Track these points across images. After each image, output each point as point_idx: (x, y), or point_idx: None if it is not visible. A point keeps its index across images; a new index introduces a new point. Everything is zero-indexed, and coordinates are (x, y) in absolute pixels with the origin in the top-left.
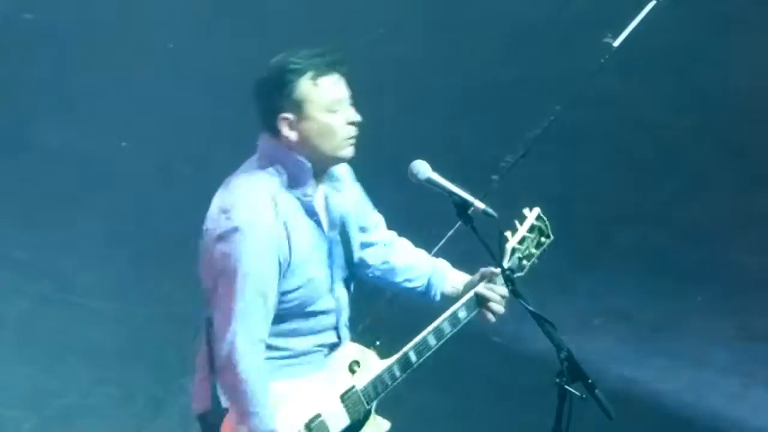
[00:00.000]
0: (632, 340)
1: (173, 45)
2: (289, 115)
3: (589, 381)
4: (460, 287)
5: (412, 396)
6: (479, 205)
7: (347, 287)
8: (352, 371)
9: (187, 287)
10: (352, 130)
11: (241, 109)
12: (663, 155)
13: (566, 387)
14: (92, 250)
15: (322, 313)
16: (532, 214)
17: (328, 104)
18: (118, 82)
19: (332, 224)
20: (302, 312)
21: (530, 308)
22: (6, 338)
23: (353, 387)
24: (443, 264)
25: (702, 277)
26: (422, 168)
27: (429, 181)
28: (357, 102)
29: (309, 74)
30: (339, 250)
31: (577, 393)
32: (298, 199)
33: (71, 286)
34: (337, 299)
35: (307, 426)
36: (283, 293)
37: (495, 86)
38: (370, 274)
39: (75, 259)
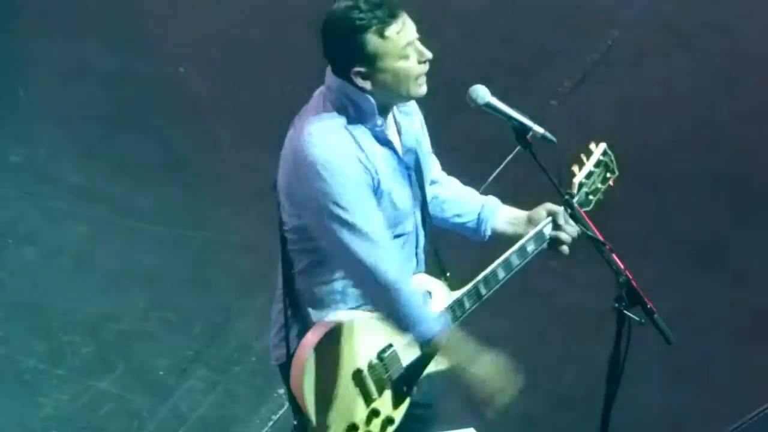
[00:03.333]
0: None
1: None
2: (362, 69)
3: (648, 306)
4: (512, 223)
5: (470, 321)
6: (538, 129)
7: (423, 211)
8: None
9: (243, 215)
10: (424, 68)
11: (302, 35)
12: (722, 80)
13: (625, 312)
14: (149, 176)
15: (404, 235)
16: (598, 150)
17: (399, 52)
18: (175, 6)
19: (406, 149)
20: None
21: (589, 233)
22: (63, 264)
23: None
24: (493, 200)
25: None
26: (482, 92)
27: (488, 105)
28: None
29: (375, 28)
30: (419, 171)
31: (636, 318)
32: (370, 129)
33: (128, 211)
34: (416, 223)
35: (380, 356)
36: None
37: (551, 9)
38: None
39: (132, 184)
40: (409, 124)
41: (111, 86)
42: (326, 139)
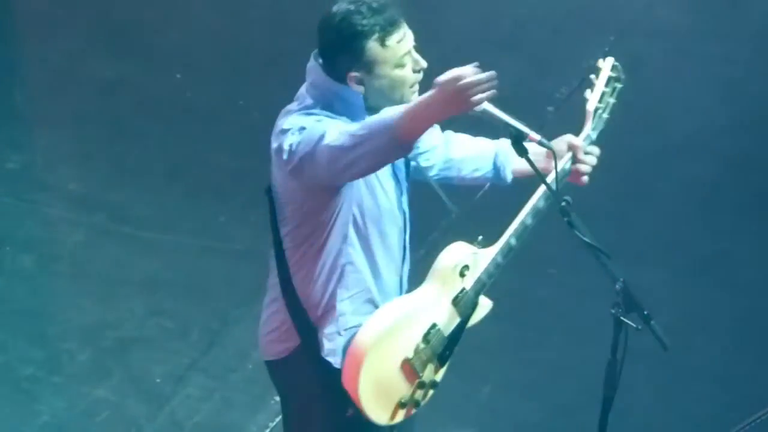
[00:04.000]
0: (688, 272)
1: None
2: (358, 74)
3: (645, 312)
4: (535, 158)
5: (469, 329)
6: (534, 136)
7: (407, 198)
8: (462, 276)
9: (241, 221)
10: (419, 77)
11: (301, 40)
12: (719, 87)
13: (622, 318)
14: (147, 183)
15: (393, 229)
16: (606, 65)
17: (397, 61)
18: (172, 13)
19: None
20: (379, 231)
21: (585, 239)
22: (61, 271)
23: (464, 289)
24: (506, 143)
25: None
26: None
27: (485, 112)
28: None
29: (376, 35)
30: (399, 163)
31: (633, 324)
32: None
33: (126, 218)
34: (404, 212)
35: (425, 338)
36: (360, 215)
37: (549, 17)
38: (438, 176)
39: (130, 192)
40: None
41: (108, 93)
42: (299, 123)
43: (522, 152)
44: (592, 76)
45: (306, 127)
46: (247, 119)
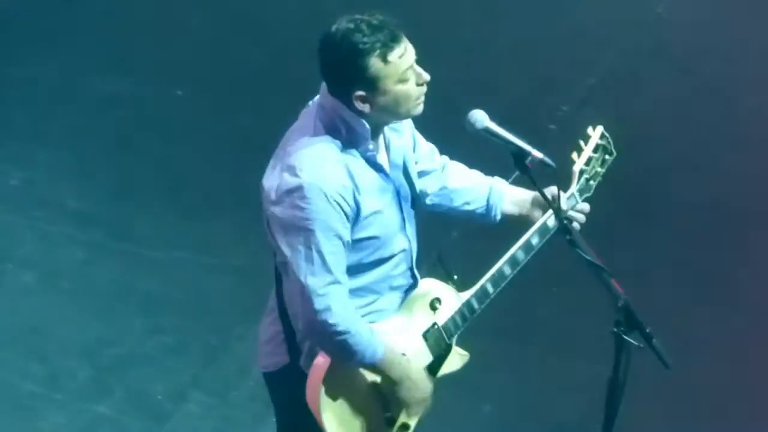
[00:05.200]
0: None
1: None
2: (362, 92)
3: (647, 330)
4: (518, 205)
5: (471, 343)
6: (537, 154)
7: (414, 225)
8: (434, 308)
9: (241, 238)
10: (423, 90)
11: (302, 57)
12: (714, 104)
13: (623, 336)
14: (147, 200)
15: (398, 254)
16: (596, 133)
17: (400, 76)
18: (172, 29)
19: (394, 166)
20: (379, 258)
21: (587, 257)
22: (61, 288)
23: (435, 324)
24: (500, 182)
25: None
26: (480, 117)
27: (486, 130)
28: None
29: (377, 52)
30: (404, 190)
31: (635, 342)
32: (361, 153)
33: (126, 235)
34: (408, 239)
35: None
36: (358, 241)
37: (550, 36)
38: (429, 202)
39: (130, 208)
40: (398, 139)
41: (108, 109)
42: (316, 167)
43: (524, 170)
44: (581, 142)
45: (308, 249)
46: (248, 136)
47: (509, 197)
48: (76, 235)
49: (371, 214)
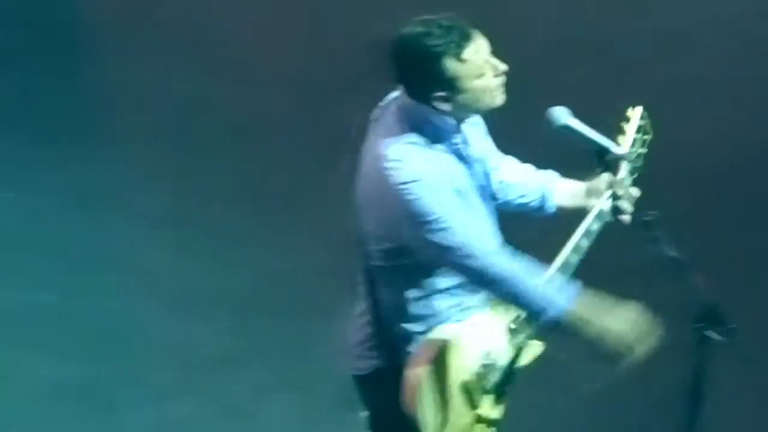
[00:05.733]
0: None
1: None
2: (442, 93)
3: (730, 326)
4: (573, 195)
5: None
6: (617, 150)
7: (496, 218)
8: None
9: (324, 237)
10: (501, 80)
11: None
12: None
13: (705, 333)
14: (230, 200)
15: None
16: (636, 114)
17: (477, 71)
18: (254, 30)
19: (476, 159)
20: None
21: (672, 254)
22: (150, 290)
23: (518, 317)
24: (552, 175)
25: None
26: (560, 113)
27: (567, 127)
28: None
29: (452, 53)
30: (485, 182)
31: (718, 336)
32: (449, 147)
33: (210, 235)
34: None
35: (483, 364)
36: None
37: (629, 34)
38: None
39: (214, 209)
40: (475, 133)
41: (191, 110)
42: (409, 162)
43: (605, 167)
44: (623, 124)
45: (454, 230)
46: (330, 135)
47: (563, 189)
48: (161, 235)
49: (466, 206)
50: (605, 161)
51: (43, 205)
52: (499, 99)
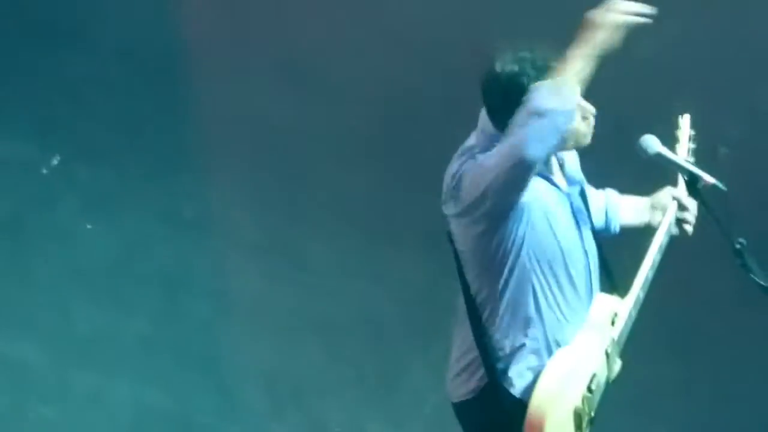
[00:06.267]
0: None
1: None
2: None
3: None
4: (637, 212)
5: (643, 365)
6: (708, 179)
7: (594, 238)
8: (613, 323)
9: (418, 265)
10: (590, 123)
11: (468, 82)
12: None
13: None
14: (324, 228)
15: (578, 269)
16: (685, 122)
17: None
18: (351, 56)
19: (570, 181)
20: (564, 273)
21: (762, 283)
22: (240, 318)
23: (613, 339)
24: (613, 194)
25: None
26: (652, 143)
27: (658, 155)
28: None
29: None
30: (579, 204)
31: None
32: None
33: (303, 263)
34: (586, 252)
35: (589, 387)
36: (540, 258)
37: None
38: None
39: (307, 237)
40: (570, 156)
41: (284, 136)
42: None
43: (696, 195)
44: (677, 132)
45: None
46: (425, 161)
47: (625, 207)
48: (252, 263)
49: (555, 228)
50: (696, 189)
51: (135, 234)
52: (585, 140)
